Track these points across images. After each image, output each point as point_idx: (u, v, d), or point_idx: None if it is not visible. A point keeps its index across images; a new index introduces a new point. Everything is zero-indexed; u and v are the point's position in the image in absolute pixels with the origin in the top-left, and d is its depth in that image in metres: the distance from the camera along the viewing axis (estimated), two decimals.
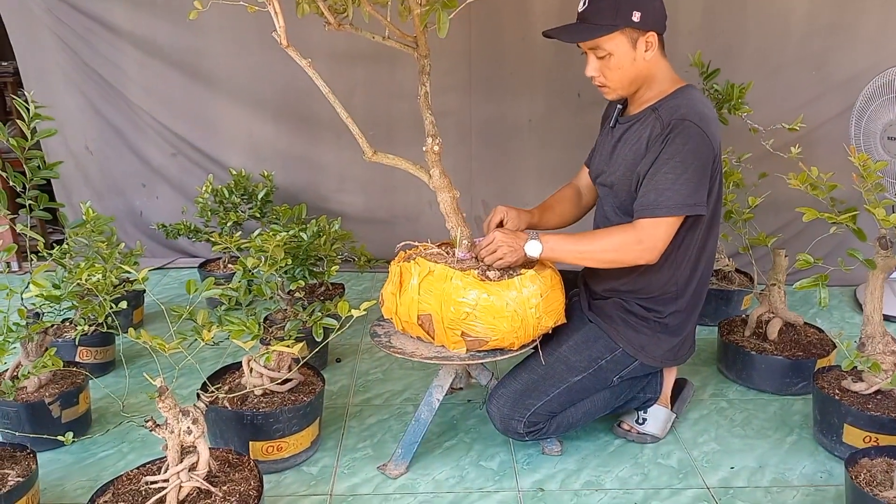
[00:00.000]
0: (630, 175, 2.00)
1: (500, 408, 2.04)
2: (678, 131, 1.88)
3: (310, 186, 3.87)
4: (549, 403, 2.04)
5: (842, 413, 2.11)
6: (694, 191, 1.89)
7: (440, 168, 1.99)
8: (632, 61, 1.94)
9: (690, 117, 1.89)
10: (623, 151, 2.05)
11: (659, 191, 1.90)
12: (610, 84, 1.99)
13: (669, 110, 1.93)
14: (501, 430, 2.07)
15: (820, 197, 2.12)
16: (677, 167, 1.88)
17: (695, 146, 1.88)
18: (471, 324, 1.90)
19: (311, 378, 2.27)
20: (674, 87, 2.00)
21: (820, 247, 2.67)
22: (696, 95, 1.98)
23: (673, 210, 1.89)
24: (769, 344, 2.58)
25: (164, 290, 3.64)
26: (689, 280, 2.08)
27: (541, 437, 2.09)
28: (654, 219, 1.91)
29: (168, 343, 1.60)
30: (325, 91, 1.88)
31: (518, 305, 1.89)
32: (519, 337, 1.93)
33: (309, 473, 2.11)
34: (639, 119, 2.02)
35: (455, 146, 3.72)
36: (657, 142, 1.92)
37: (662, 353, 2.11)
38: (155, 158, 3.85)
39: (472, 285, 1.89)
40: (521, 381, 2.07)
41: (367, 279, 3.80)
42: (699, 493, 2.02)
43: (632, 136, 2.03)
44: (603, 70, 1.96)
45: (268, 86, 3.72)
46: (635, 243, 1.93)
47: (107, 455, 2.21)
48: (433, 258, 2.04)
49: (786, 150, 2.65)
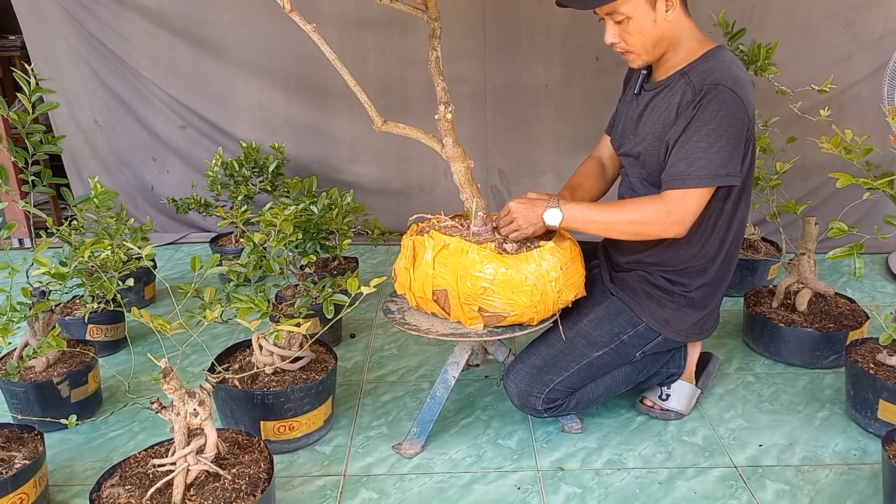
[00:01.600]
0: (659, 144, 1.90)
1: (517, 384, 1.97)
2: (711, 96, 1.77)
3: (322, 158, 3.79)
4: (568, 379, 1.97)
5: (877, 388, 2.01)
6: (727, 160, 1.79)
7: (453, 137, 1.90)
8: (652, 23, 1.81)
9: (724, 82, 1.78)
10: (650, 119, 1.93)
11: (690, 160, 1.79)
12: (633, 49, 1.86)
13: (701, 75, 1.81)
14: (519, 406, 2.00)
15: (854, 161, 2.02)
16: (710, 135, 1.77)
17: (729, 112, 1.77)
18: (488, 299, 1.82)
19: (323, 355, 2.21)
20: (703, 49, 1.88)
21: (851, 213, 2.56)
22: (727, 57, 1.86)
23: (704, 180, 1.79)
24: (798, 315, 2.48)
25: (177, 266, 3.59)
26: (718, 252, 1.99)
27: (560, 413, 2.02)
28: (683, 189, 1.80)
29: (171, 323, 1.54)
30: (331, 58, 1.79)
31: (537, 279, 1.81)
32: (538, 311, 1.86)
33: (322, 453, 2.06)
34: (667, 85, 1.90)
35: (470, 114, 3.62)
36: (688, 108, 1.81)
37: (687, 327, 2.03)
38: (164, 131, 3.78)
39: (490, 259, 1.81)
40: (540, 356, 1.99)
41: (381, 252, 3.73)
42: (726, 473, 1.94)
43: (660, 102, 1.91)
44: (623, 35, 1.84)
45: (278, 55, 3.63)
46: (664, 215, 1.82)
47: (117, 435, 2.17)
48: (447, 231, 1.96)
49: (814, 113, 2.53)
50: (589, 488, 1.89)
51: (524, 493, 1.88)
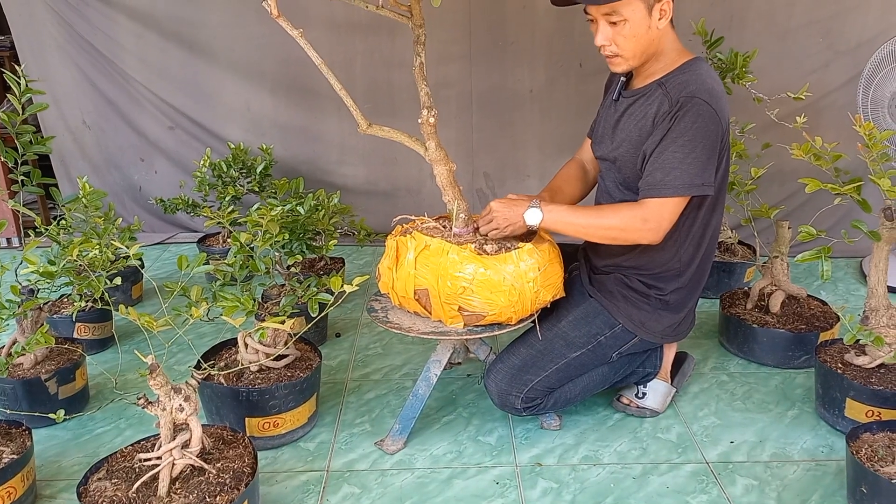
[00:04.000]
0: (635, 151, 1.95)
1: (497, 383, 2.03)
2: (687, 108, 1.82)
3: (310, 159, 3.84)
4: (547, 379, 2.02)
5: (844, 387, 2.08)
6: (702, 170, 1.84)
7: (436, 140, 1.95)
8: (646, 29, 1.84)
9: (700, 94, 1.83)
10: (627, 126, 1.99)
11: (666, 170, 1.84)
12: (623, 53, 1.88)
13: (678, 87, 1.86)
14: (499, 405, 2.06)
15: (824, 167, 2.08)
16: (685, 146, 1.82)
17: (704, 124, 1.82)
18: (468, 298, 1.87)
19: (308, 354, 2.26)
20: (682, 60, 1.93)
21: (825, 218, 2.62)
22: (704, 69, 1.91)
23: (680, 190, 1.84)
24: (771, 317, 2.55)
25: (164, 266, 3.62)
26: (693, 257, 2.05)
27: (538, 412, 2.08)
28: (660, 199, 1.86)
29: (157, 320, 1.58)
30: (317, 62, 1.84)
31: (515, 279, 1.86)
32: (517, 311, 1.91)
33: (306, 449, 2.11)
34: (644, 94, 1.95)
35: (456, 117, 3.68)
36: (665, 119, 1.85)
37: (663, 329, 2.09)
38: (152, 132, 3.81)
39: (469, 259, 1.86)
40: (519, 356, 2.04)
41: (367, 253, 3.78)
42: (698, 468, 2.00)
43: (636, 110, 1.96)
44: (615, 38, 1.86)
45: (267, 57, 3.67)
46: (640, 222, 1.88)
47: (104, 431, 2.21)
48: (429, 232, 2.01)
49: (791, 120, 2.59)
50: (565, 483, 1.95)
51: (502, 487, 1.93)
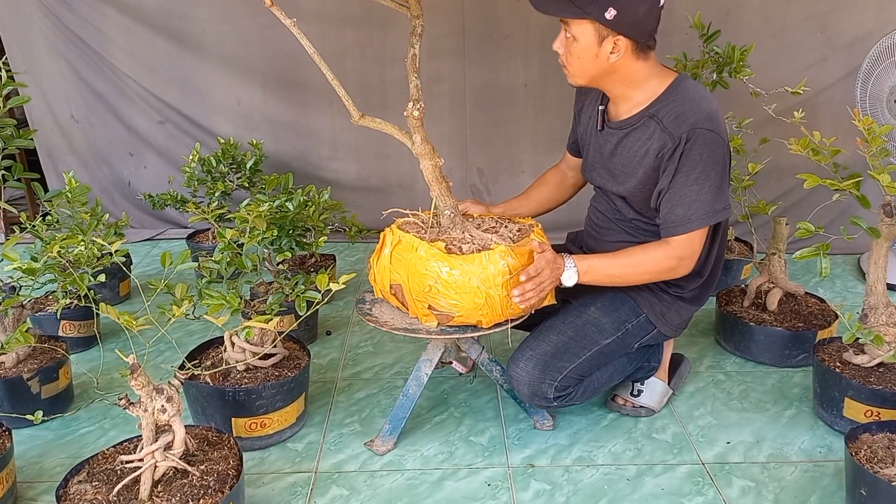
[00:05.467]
0: (643, 187, 1.93)
1: (528, 371, 1.93)
2: (692, 142, 1.80)
3: (301, 154, 3.78)
4: (580, 366, 1.95)
5: (842, 386, 2.04)
6: (719, 195, 1.85)
7: (422, 134, 1.90)
8: (594, 56, 1.81)
9: (701, 124, 1.80)
10: (626, 161, 1.95)
11: (686, 205, 1.84)
12: (569, 68, 1.88)
13: (675, 121, 1.83)
14: (528, 395, 1.95)
15: (822, 163, 2.04)
16: (700, 178, 1.82)
17: (712, 151, 1.81)
18: (434, 297, 1.82)
19: (296, 352, 2.21)
20: (664, 84, 1.89)
21: (823, 214, 2.59)
22: (691, 91, 1.87)
23: (704, 220, 1.85)
24: (768, 315, 2.51)
25: (153, 262, 3.57)
26: (709, 254, 2.04)
27: (568, 402, 1.98)
28: (688, 234, 1.86)
29: (137, 319, 1.54)
30: (310, 52, 1.79)
31: (482, 282, 1.77)
32: (485, 315, 1.82)
33: (294, 450, 2.07)
34: (636, 126, 1.91)
35: (449, 112, 3.63)
36: (672, 157, 1.83)
37: (680, 321, 2.09)
38: (141, 126, 3.75)
39: (437, 257, 1.79)
40: (550, 343, 1.96)
41: (359, 249, 3.73)
42: (693, 469, 1.96)
43: (632, 144, 1.93)
44: (566, 50, 1.86)
45: (257, 51, 3.61)
46: (675, 261, 1.89)
47: (88, 431, 2.16)
48: (409, 227, 1.96)
49: (788, 115, 2.55)
50: (558, 485, 1.91)
51: (494, 489, 1.89)
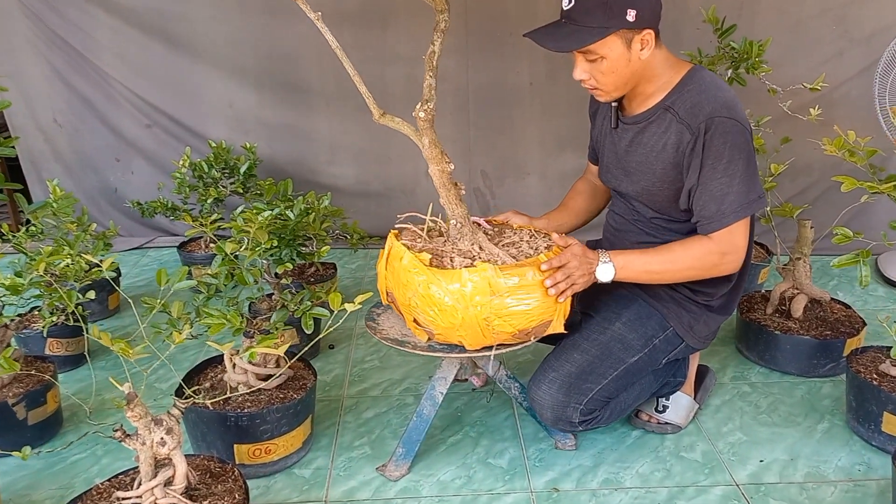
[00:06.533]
0: (661, 184, 1.82)
1: (552, 394, 1.80)
2: (712, 132, 1.69)
3: (297, 159, 3.64)
4: (607, 387, 1.83)
5: (881, 400, 1.93)
6: (751, 184, 1.74)
7: (430, 137, 1.77)
8: (627, 62, 1.71)
9: (719, 112, 1.70)
10: (642, 157, 1.84)
11: (719, 199, 1.72)
12: (603, 87, 1.77)
13: (691, 111, 1.72)
14: (552, 420, 1.83)
15: (858, 164, 1.93)
16: (727, 169, 1.70)
17: (734, 140, 1.70)
18: (416, 311, 1.70)
19: (301, 371, 2.08)
20: (679, 75, 1.78)
21: (837, 216, 2.48)
22: (706, 80, 1.77)
23: (740, 213, 1.73)
24: (794, 322, 2.40)
25: (143, 273, 3.42)
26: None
27: (594, 426, 1.87)
28: (727, 228, 1.74)
29: (133, 348, 1.40)
30: (333, 46, 1.66)
31: (457, 301, 1.62)
32: (465, 336, 1.68)
33: (301, 477, 1.93)
34: (651, 120, 1.81)
35: (452, 113, 3.50)
36: (693, 150, 1.73)
37: (708, 333, 1.97)
38: (128, 131, 3.60)
39: (417, 269, 1.66)
40: (574, 363, 1.83)
41: (359, 257, 3.58)
42: (728, 491, 1.85)
43: (648, 140, 1.82)
44: (594, 73, 1.74)
45: (249, 52, 3.47)
46: (718, 257, 1.76)
47: (79, 459, 2.02)
48: (406, 235, 1.85)
49: (803, 112, 2.46)
50: None
51: None
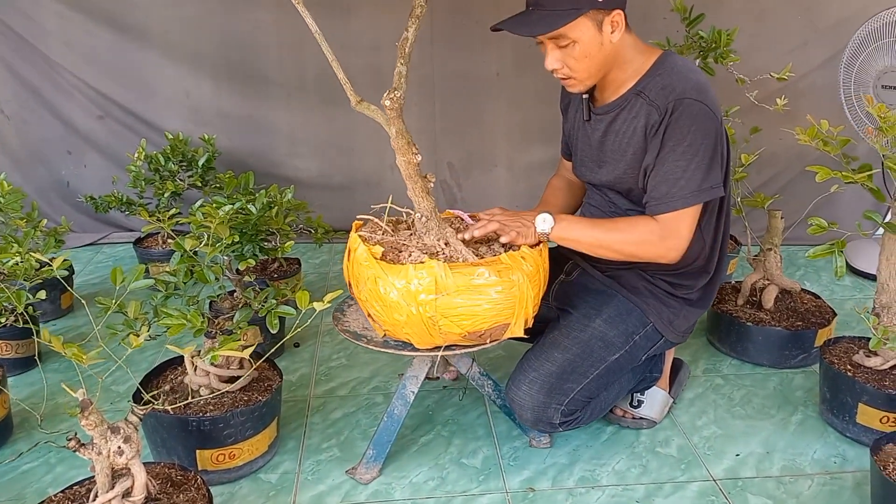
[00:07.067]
0: (633, 172, 1.78)
1: (533, 395, 1.75)
2: (679, 112, 1.65)
3: (258, 151, 3.53)
4: (588, 387, 1.79)
5: (856, 391, 1.92)
6: (707, 173, 1.68)
7: (397, 126, 1.69)
8: (599, 46, 1.67)
9: (689, 94, 1.65)
10: (615, 146, 1.80)
11: (671, 181, 1.67)
12: (577, 75, 1.72)
13: (661, 92, 1.68)
14: (531, 421, 1.78)
15: (832, 153, 1.92)
16: (686, 152, 1.66)
17: (700, 125, 1.66)
18: (366, 304, 1.66)
19: (266, 372, 1.99)
20: (650, 61, 1.74)
21: (805, 205, 2.48)
22: (679, 64, 1.73)
23: (689, 199, 1.68)
24: (765, 314, 2.39)
25: (97, 270, 3.29)
26: (713, 247, 1.88)
27: (574, 427, 1.83)
28: (673, 213, 1.69)
29: (87, 352, 1.31)
30: (314, 29, 1.58)
31: (402, 297, 1.56)
32: (411, 335, 1.62)
33: (267, 482, 1.86)
34: (622, 107, 1.76)
35: (417, 104, 3.43)
36: (658, 129, 1.68)
37: (687, 327, 1.94)
38: (80, 122, 3.45)
39: (368, 263, 1.60)
40: (555, 362, 1.78)
41: (324, 251, 3.49)
42: (705, 487, 1.82)
43: (620, 127, 1.77)
44: (566, 61, 1.68)
45: (206, 40, 3.35)
46: (658, 238, 1.71)
47: (30, 468, 1.91)
48: (367, 228, 1.79)
49: (769, 102, 2.45)
50: None
51: None
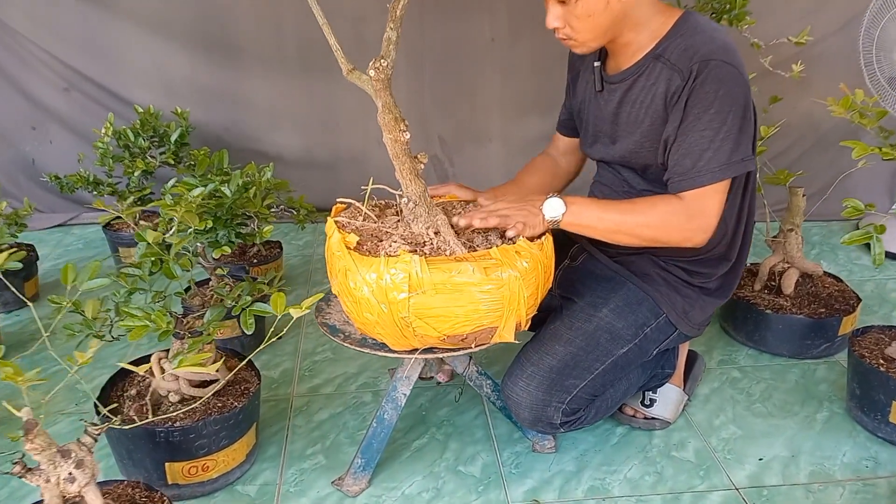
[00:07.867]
0: (653, 145, 1.59)
1: (531, 392, 1.58)
2: (705, 76, 1.46)
3: (235, 126, 3.31)
4: (592, 383, 1.62)
5: (890, 388, 1.76)
6: (737, 143, 1.49)
7: (384, 100, 1.49)
8: (604, 5, 1.48)
9: (715, 55, 1.47)
10: (632, 116, 1.61)
11: (696, 154, 1.49)
12: (578, 36, 1.53)
13: (683, 54, 1.50)
14: (530, 420, 1.61)
15: (867, 126, 1.73)
16: (713, 121, 1.47)
17: (729, 89, 1.47)
18: (340, 298, 1.50)
19: (242, 373, 1.81)
20: (670, 22, 1.55)
21: (815, 182, 2.30)
22: (702, 23, 1.54)
23: (717, 174, 1.49)
24: (785, 300, 2.22)
25: (66, 254, 3.08)
26: (736, 231, 1.71)
27: (577, 427, 1.67)
28: (698, 189, 1.50)
29: (25, 374, 1.12)
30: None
31: (374, 293, 1.39)
32: (384, 335, 1.46)
33: (245, 495, 1.68)
34: (639, 73, 1.58)
35: (405, 73, 3.21)
36: (680, 95, 1.50)
37: (703, 318, 1.76)
38: (44, 96, 3.22)
39: (340, 252, 1.43)
40: (556, 355, 1.61)
41: (308, 232, 3.28)
42: (728, 496, 1.66)
43: (638, 95, 1.59)
44: (567, 19, 1.50)
45: (178, 7, 3.12)
46: (684, 219, 1.52)
47: None
48: (349, 213, 1.62)
49: (784, 68, 2.28)
50: None
51: None
